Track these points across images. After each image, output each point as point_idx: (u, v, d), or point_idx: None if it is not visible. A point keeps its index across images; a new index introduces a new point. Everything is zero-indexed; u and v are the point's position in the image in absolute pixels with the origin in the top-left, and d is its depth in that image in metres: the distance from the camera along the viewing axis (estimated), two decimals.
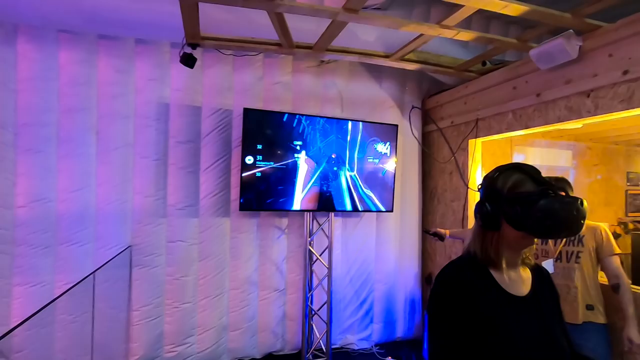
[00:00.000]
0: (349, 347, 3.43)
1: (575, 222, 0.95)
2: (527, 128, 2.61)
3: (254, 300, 3.19)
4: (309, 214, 3.20)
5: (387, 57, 2.83)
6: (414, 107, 3.64)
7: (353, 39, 2.76)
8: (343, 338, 3.44)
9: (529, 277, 1.08)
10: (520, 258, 1.08)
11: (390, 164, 3.32)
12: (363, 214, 3.47)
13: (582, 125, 2.54)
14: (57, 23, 2.58)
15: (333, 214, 3.23)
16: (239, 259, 3.14)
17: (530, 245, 1.06)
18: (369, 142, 3.23)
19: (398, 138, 3.35)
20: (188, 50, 2.52)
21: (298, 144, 3.02)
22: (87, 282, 2.18)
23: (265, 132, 2.94)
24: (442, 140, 3.53)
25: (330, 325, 3.15)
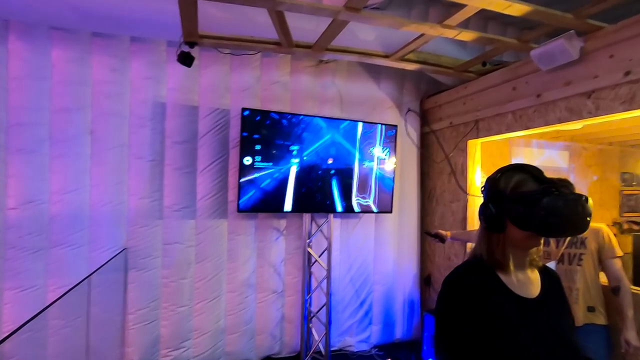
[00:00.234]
0: (348, 349, 3.40)
1: (581, 219, 0.94)
2: (527, 129, 2.60)
3: (252, 303, 3.15)
4: (308, 216, 3.16)
5: (387, 57, 2.81)
6: (410, 110, 3.62)
7: (352, 39, 2.73)
8: (342, 340, 3.41)
9: (538, 278, 1.07)
10: (528, 259, 1.07)
11: (389, 165, 3.30)
12: (362, 215, 3.45)
13: (582, 126, 2.54)
14: (49, 20, 2.51)
15: (332, 215, 3.20)
16: (237, 261, 3.09)
17: (537, 246, 1.05)
18: (368, 142, 3.21)
19: (397, 139, 3.33)
20: (186, 49, 2.47)
21: (297, 144, 2.98)
22: (81, 286, 2.12)
23: (264, 132, 2.90)
24: (440, 141, 3.52)
25: (330, 328, 3.12)
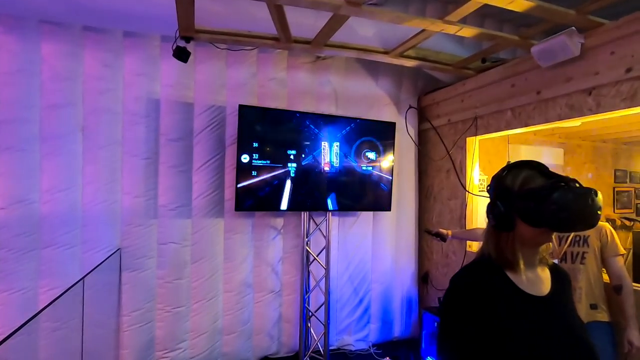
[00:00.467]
0: (346, 348, 3.38)
1: (591, 213, 0.93)
2: (526, 126, 2.60)
3: (249, 303, 3.11)
4: (306, 214, 3.13)
5: (386, 53, 2.78)
6: (411, 107, 3.60)
7: (351, 35, 2.69)
8: (340, 339, 3.39)
9: (548, 276, 1.06)
10: (538, 257, 1.05)
11: (387, 162, 3.27)
12: (360, 213, 3.42)
13: (580, 124, 2.55)
14: (39, 13, 2.43)
15: (330, 214, 3.16)
16: (234, 261, 3.04)
17: (548, 242, 1.05)
18: (367, 139, 3.18)
19: (395, 136, 3.30)
20: (181, 44, 2.40)
21: (294, 141, 2.94)
22: (74, 287, 2.05)
23: (262, 129, 2.85)
24: (438, 138, 3.50)
25: (328, 327, 3.09)
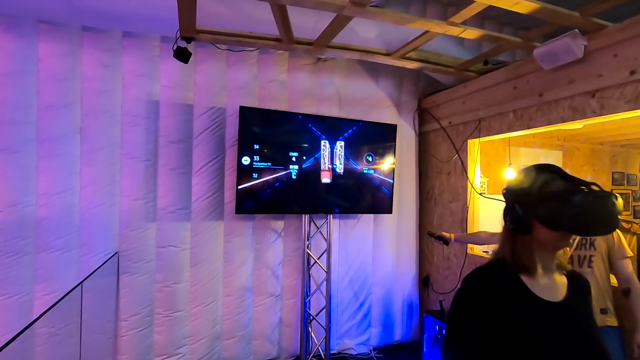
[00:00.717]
0: (347, 352, 3.35)
1: (612, 217, 0.92)
2: (529, 128, 2.59)
3: (249, 307, 3.07)
4: (306, 217, 3.10)
5: (388, 55, 2.76)
6: (421, 108, 3.60)
7: (352, 37, 2.68)
8: (341, 343, 3.35)
9: (565, 283, 1.04)
10: (556, 262, 1.04)
11: (389, 165, 3.25)
12: (360, 216, 3.40)
13: (582, 126, 2.55)
14: (36, 12, 2.38)
15: (331, 216, 3.13)
16: (233, 264, 3.00)
17: (567, 246, 1.04)
18: (368, 141, 3.16)
19: (396, 138, 3.28)
20: (182, 44, 2.37)
21: (296, 143, 2.91)
22: (71, 292, 2.01)
23: (263, 131, 2.82)
24: (439, 141, 3.50)
25: (329, 331, 3.06)
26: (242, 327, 3.02)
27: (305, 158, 2.94)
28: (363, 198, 3.18)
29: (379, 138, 3.20)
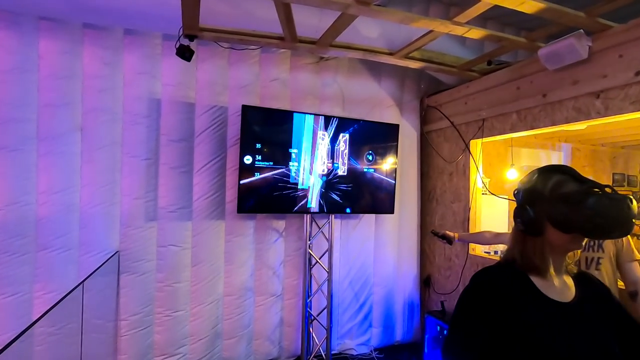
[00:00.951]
0: (348, 352, 3.34)
1: (627, 220, 0.90)
2: (532, 129, 2.58)
3: (250, 307, 3.05)
4: (308, 216, 3.08)
5: (391, 54, 2.75)
6: (423, 108, 3.59)
7: (355, 36, 2.66)
8: (342, 343, 3.34)
9: (572, 284, 1.03)
10: (565, 264, 1.03)
11: (391, 164, 3.24)
12: (362, 216, 3.39)
13: (585, 127, 2.54)
14: (37, 9, 2.36)
15: (333, 216, 3.12)
16: (234, 264, 2.98)
17: (579, 248, 1.02)
18: (370, 141, 3.14)
19: (398, 138, 3.27)
20: (185, 42, 2.35)
21: (297, 142, 2.90)
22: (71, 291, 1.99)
23: (265, 130, 2.80)
24: (441, 141, 3.49)
25: (331, 331, 3.05)
26: (242, 327, 3.01)
27: (307, 157, 2.93)
28: (364, 198, 3.17)
29: (381, 138, 3.19)
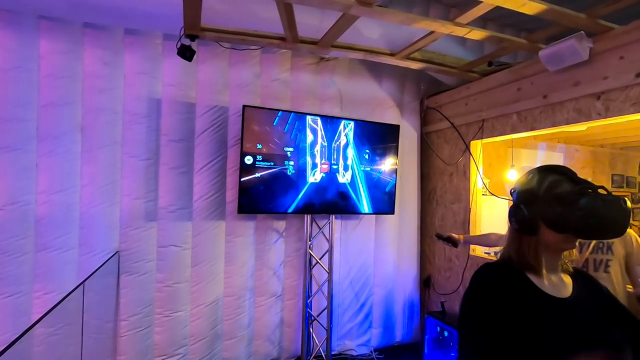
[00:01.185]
0: (348, 353, 3.34)
1: (621, 221, 0.90)
2: (533, 130, 2.59)
3: (250, 307, 3.05)
4: (308, 217, 3.08)
5: (392, 55, 2.75)
6: (423, 109, 3.59)
7: (356, 36, 2.66)
8: (342, 344, 3.34)
9: (570, 281, 1.04)
10: (560, 263, 1.04)
11: (391, 165, 3.24)
12: (362, 217, 3.38)
13: (586, 128, 2.54)
14: (37, 8, 2.35)
15: (334, 217, 3.12)
16: (235, 264, 2.98)
17: (572, 248, 1.03)
18: (371, 141, 3.14)
19: (398, 139, 3.27)
20: (186, 42, 2.35)
21: (298, 143, 2.90)
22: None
23: (266, 130, 2.80)
24: (442, 142, 3.49)
25: (331, 332, 3.05)
26: (243, 327, 3.00)
27: (308, 158, 2.92)
28: (365, 198, 3.17)
29: (382, 138, 3.19)
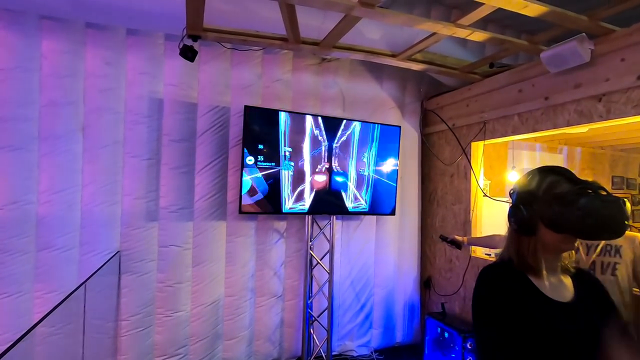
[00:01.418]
0: (348, 353, 3.34)
1: (619, 222, 0.90)
2: (534, 131, 2.59)
3: (251, 307, 3.05)
4: (309, 217, 3.08)
5: (394, 56, 2.76)
6: (424, 110, 3.60)
7: (358, 37, 2.66)
8: (342, 344, 3.34)
9: (570, 283, 1.03)
10: (560, 263, 1.03)
11: (392, 166, 3.24)
12: (363, 218, 3.39)
13: (587, 130, 2.55)
14: (40, 8, 2.36)
15: (334, 217, 3.12)
16: (235, 264, 2.98)
17: (571, 249, 1.03)
18: (372, 142, 3.15)
19: (399, 140, 3.28)
20: (188, 42, 2.35)
21: (300, 143, 2.90)
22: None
23: (267, 131, 2.80)
24: (442, 143, 3.50)
25: (331, 332, 3.05)
26: (243, 327, 3.00)
27: (309, 158, 2.93)
28: (366, 199, 3.17)
29: (383, 139, 3.19)
